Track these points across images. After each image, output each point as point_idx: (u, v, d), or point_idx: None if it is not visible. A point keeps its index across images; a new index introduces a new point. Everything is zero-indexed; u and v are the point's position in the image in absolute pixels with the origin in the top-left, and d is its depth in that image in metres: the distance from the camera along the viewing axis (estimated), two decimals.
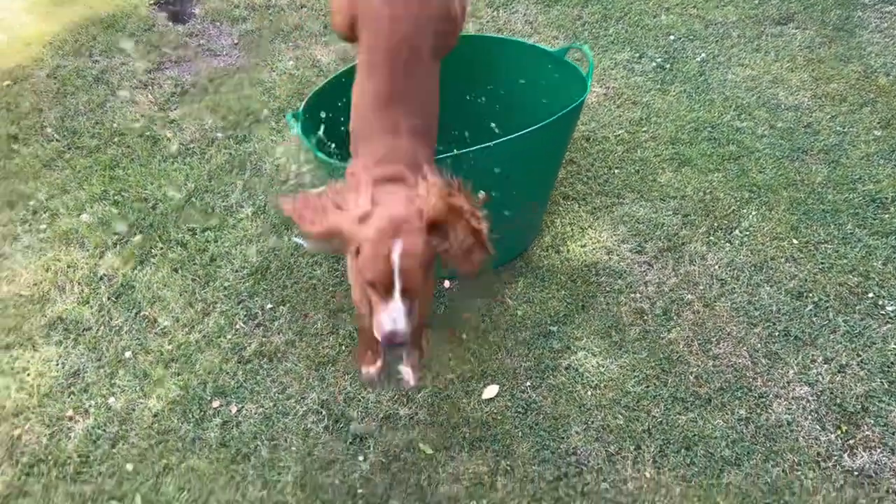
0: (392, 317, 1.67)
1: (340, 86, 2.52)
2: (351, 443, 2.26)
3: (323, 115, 2.50)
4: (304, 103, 2.52)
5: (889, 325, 2.58)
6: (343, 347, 2.50)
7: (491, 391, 2.38)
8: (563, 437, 2.27)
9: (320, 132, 2.45)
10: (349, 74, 2.44)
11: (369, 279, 1.69)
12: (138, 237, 2.86)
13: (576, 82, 2.62)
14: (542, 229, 2.92)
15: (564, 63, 2.72)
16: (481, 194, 1.78)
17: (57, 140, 3.35)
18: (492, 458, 2.22)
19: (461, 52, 2.36)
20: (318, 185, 2.28)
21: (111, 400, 2.36)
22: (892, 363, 2.47)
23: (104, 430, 2.28)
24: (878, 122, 3.43)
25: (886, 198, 3.04)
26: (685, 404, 2.35)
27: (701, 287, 2.71)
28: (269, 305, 2.64)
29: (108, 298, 2.66)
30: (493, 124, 2.89)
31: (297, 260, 2.79)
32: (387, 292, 1.68)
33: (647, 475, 2.18)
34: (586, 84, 2.51)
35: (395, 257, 1.64)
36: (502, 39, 3.11)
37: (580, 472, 2.18)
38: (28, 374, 2.43)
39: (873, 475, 2.19)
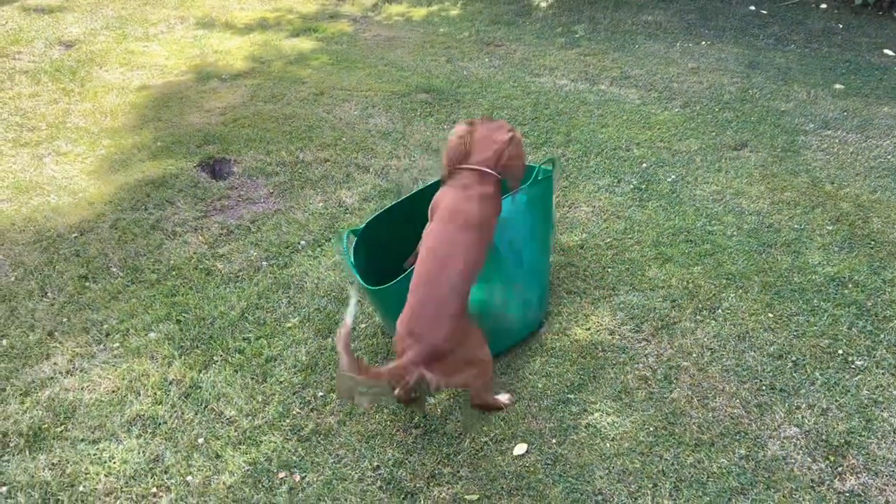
0: None
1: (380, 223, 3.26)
2: (404, 498, 2.57)
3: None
4: (349, 231, 3.15)
5: (860, 376, 2.98)
6: (388, 423, 2.86)
7: (521, 449, 2.72)
8: (588, 481, 2.59)
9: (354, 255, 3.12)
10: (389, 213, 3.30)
11: None
12: (200, 348, 3.29)
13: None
14: (551, 319, 3.36)
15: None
16: None
17: (121, 276, 3.85)
18: (528, 502, 2.52)
19: None
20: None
21: (189, 478, 2.68)
22: (866, 406, 2.85)
23: (185, 502, 2.59)
24: (829, 220, 4.01)
25: (844, 277, 3.54)
26: (691, 448, 2.70)
27: (694, 355, 3.12)
28: (321, 394, 3.02)
29: (179, 398, 3.04)
30: None
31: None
32: None
33: None
34: (550, 171, 3.13)
35: None
36: None
37: None
38: (114, 462, 2.76)
39: (861, 494, 2.51)
